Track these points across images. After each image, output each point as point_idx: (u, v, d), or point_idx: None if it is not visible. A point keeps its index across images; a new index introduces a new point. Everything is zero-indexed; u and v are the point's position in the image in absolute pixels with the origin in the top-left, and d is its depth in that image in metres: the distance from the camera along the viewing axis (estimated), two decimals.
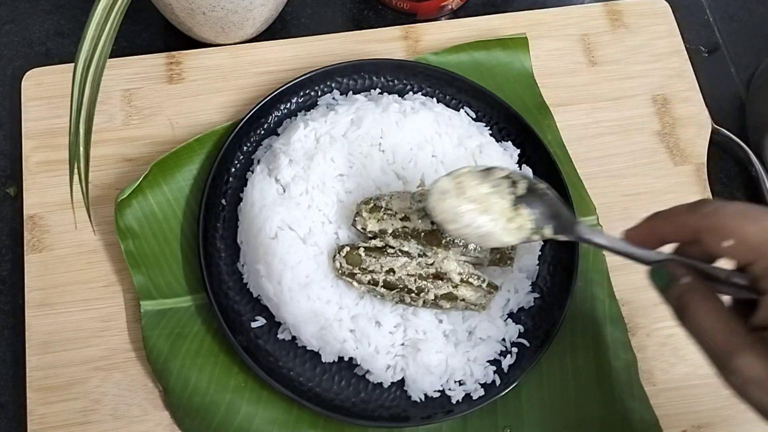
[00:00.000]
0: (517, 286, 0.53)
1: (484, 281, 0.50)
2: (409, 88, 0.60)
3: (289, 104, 0.59)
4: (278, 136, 0.58)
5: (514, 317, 0.53)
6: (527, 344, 0.52)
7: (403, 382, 0.51)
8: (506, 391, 0.50)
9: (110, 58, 0.49)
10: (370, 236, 0.50)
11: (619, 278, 0.56)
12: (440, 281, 0.49)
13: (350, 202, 0.52)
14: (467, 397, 0.51)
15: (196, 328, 0.53)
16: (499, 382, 0.51)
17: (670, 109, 0.63)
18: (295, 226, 0.51)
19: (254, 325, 0.53)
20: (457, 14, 0.68)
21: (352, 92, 0.59)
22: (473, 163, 0.55)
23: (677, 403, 0.53)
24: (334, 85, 0.60)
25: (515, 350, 0.52)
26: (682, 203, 0.39)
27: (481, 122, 0.59)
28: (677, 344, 0.55)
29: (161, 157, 0.57)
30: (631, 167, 0.61)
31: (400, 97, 0.58)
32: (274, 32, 0.65)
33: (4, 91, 0.63)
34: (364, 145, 0.54)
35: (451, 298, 0.49)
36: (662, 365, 0.54)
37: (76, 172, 0.49)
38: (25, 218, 0.57)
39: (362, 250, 0.50)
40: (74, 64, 0.48)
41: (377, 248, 0.50)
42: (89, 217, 0.52)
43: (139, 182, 0.55)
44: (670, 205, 0.39)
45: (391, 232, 0.50)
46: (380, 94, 0.59)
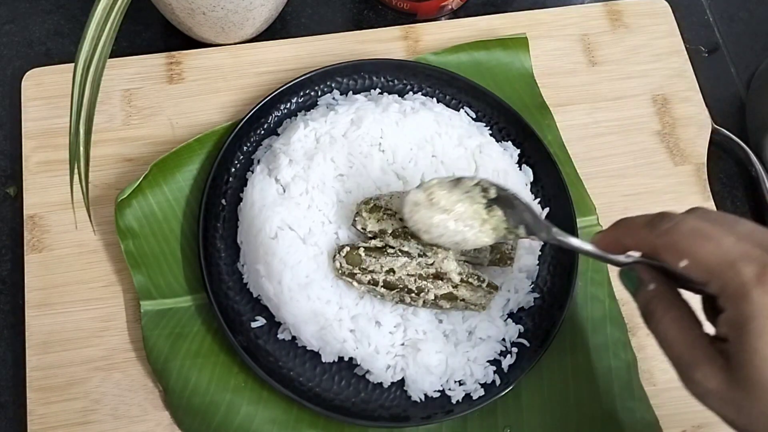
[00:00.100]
0: (517, 286, 0.53)
1: (484, 281, 0.50)
2: (409, 88, 0.60)
3: (289, 104, 0.59)
4: (278, 136, 0.58)
5: (514, 317, 0.53)
6: (527, 344, 0.52)
7: (403, 382, 0.51)
8: (506, 391, 0.50)
9: (110, 58, 0.49)
10: (370, 236, 0.50)
11: None
12: (440, 281, 0.49)
13: (350, 202, 0.52)
14: (467, 397, 0.51)
15: (196, 328, 0.53)
16: (499, 382, 0.51)
17: (670, 109, 0.63)
18: (295, 226, 0.51)
19: (254, 325, 0.53)
20: (457, 14, 0.68)
21: (352, 92, 0.59)
22: (473, 163, 0.55)
23: (677, 403, 0.53)
24: (334, 85, 0.60)
25: (515, 350, 0.52)
26: (646, 213, 0.39)
27: (481, 122, 0.59)
28: None
29: (161, 157, 0.57)
30: (631, 167, 0.61)
31: (400, 97, 0.58)
32: (274, 32, 0.65)
33: (4, 91, 0.63)
34: (364, 145, 0.54)
35: (451, 298, 0.49)
36: (662, 365, 0.54)
37: (76, 172, 0.49)
38: (25, 218, 0.57)
39: (362, 250, 0.50)
40: (74, 64, 0.48)
41: (377, 248, 0.50)
42: (89, 217, 0.52)
43: (139, 182, 0.55)
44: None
45: (391, 232, 0.50)
46: (380, 94, 0.59)
